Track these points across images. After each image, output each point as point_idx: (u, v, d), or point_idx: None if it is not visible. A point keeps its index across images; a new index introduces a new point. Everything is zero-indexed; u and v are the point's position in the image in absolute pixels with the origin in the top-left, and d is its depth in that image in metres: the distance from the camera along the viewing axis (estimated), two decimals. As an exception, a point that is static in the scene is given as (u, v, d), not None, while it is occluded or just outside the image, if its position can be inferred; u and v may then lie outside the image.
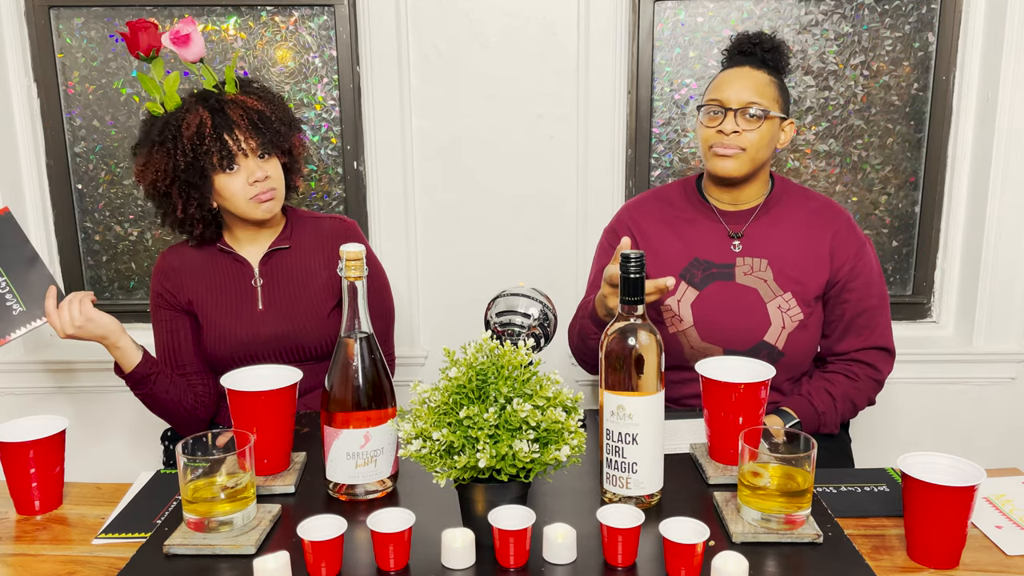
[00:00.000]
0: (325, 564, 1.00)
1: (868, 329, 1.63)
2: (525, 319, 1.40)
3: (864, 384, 1.64)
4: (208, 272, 1.66)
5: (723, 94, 1.58)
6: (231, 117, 1.54)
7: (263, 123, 1.57)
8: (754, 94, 1.57)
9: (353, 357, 1.19)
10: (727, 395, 1.22)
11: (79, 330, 1.50)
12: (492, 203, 2.18)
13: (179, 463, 1.09)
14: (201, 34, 1.58)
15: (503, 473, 1.02)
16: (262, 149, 1.58)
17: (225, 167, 1.55)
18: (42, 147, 2.23)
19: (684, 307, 1.63)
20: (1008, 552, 1.14)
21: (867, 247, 1.65)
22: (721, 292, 1.62)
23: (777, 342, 1.61)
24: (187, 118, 1.54)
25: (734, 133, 1.56)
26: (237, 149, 1.55)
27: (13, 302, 1.51)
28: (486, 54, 2.10)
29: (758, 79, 1.59)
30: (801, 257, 1.62)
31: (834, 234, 1.63)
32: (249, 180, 1.56)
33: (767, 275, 1.62)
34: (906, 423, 2.28)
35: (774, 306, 1.61)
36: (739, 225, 1.65)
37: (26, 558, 1.17)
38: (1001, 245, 2.13)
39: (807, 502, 1.09)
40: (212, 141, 1.52)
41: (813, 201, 1.68)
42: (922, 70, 2.18)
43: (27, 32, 2.15)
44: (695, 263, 1.64)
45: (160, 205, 1.62)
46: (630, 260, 1.11)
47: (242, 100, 1.58)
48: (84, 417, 2.25)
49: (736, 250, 1.64)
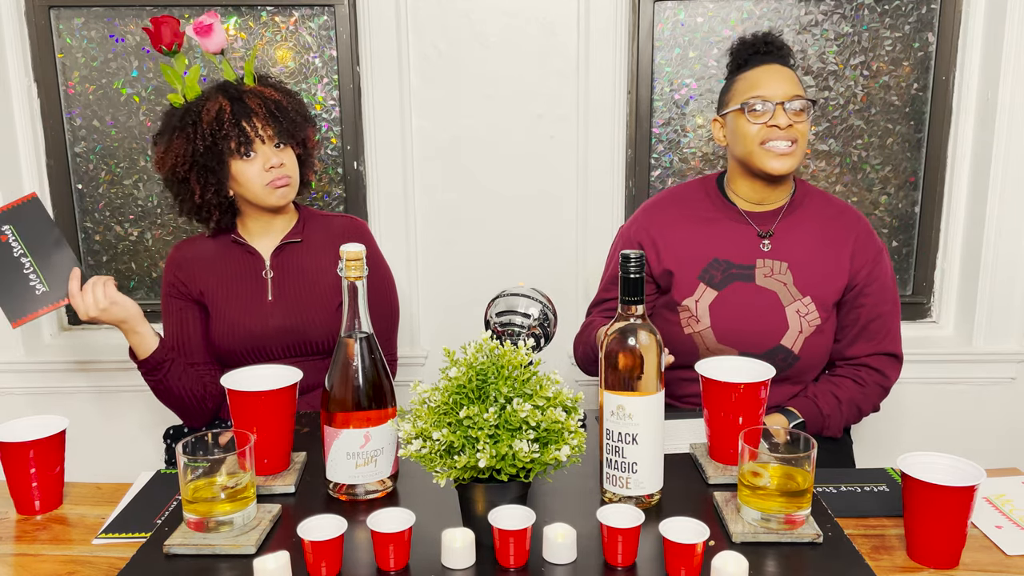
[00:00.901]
0: (325, 564, 1.00)
1: (880, 335, 1.63)
2: (525, 319, 1.40)
3: (871, 391, 1.63)
4: (220, 263, 1.69)
5: (766, 90, 1.57)
6: (249, 105, 1.59)
7: (280, 112, 1.62)
8: (795, 86, 1.58)
9: (353, 357, 1.19)
10: (727, 395, 1.22)
11: (103, 312, 1.53)
12: (492, 203, 2.18)
13: (179, 463, 1.09)
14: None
15: (503, 473, 1.02)
16: (278, 138, 1.62)
17: (242, 153, 1.59)
18: (42, 147, 2.23)
19: (702, 308, 1.62)
20: (1008, 552, 1.14)
21: (884, 254, 1.65)
22: (740, 293, 1.61)
23: (794, 346, 1.60)
24: (207, 105, 1.59)
25: (788, 126, 1.55)
26: (255, 135, 1.59)
27: (37, 282, 1.54)
28: (486, 54, 2.10)
29: (790, 74, 1.59)
30: (821, 262, 1.61)
31: (855, 239, 1.62)
32: (265, 166, 1.60)
33: (787, 278, 1.60)
34: (906, 423, 2.28)
35: (792, 310, 1.59)
36: (767, 225, 1.64)
37: (26, 558, 1.17)
38: (1001, 245, 2.13)
39: (807, 502, 1.09)
40: (231, 127, 1.57)
41: (833, 206, 1.67)
42: (922, 70, 2.18)
43: (27, 32, 2.15)
44: (715, 263, 1.63)
45: (179, 192, 1.66)
46: (630, 260, 1.11)
47: (260, 90, 1.63)
48: (84, 417, 2.24)
49: (765, 249, 1.62)
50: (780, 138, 1.56)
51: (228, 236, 1.70)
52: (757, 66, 1.61)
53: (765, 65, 1.61)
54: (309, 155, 1.72)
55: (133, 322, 1.57)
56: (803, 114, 1.57)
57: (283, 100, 1.64)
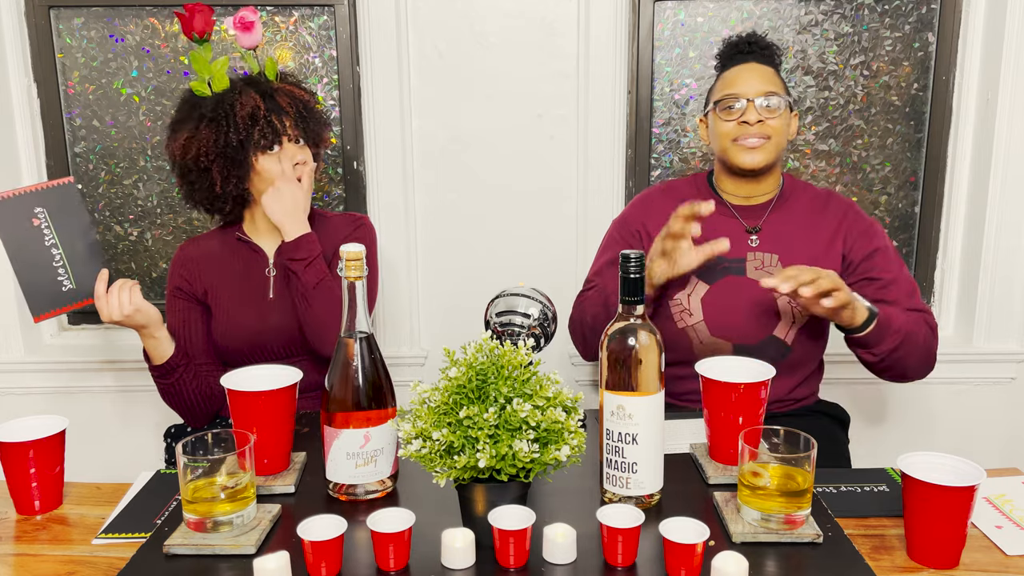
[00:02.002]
0: (325, 564, 1.00)
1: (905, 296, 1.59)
2: (525, 319, 1.40)
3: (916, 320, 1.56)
4: (225, 261, 1.70)
5: (738, 88, 1.60)
6: (280, 103, 1.63)
7: (307, 112, 1.66)
8: (769, 83, 1.60)
9: (353, 357, 1.19)
10: (727, 395, 1.22)
11: (126, 318, 1.54)
12: (492, 203, 2.18)
13: (179, 463, 1.09)
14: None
15: (503, 473, 1.02)
16: (304, 137, 1.66)
17: (268, 148, 1.62)
18: (42, 147, 2.23)
19: (694, 301, 1.63)
20: (1008, 552, 1.14)
21: (876, 226, 1.66)
22: (732, 286, 1.62)
23: (787, 337, 1.61)
24: (241, 99, 1.61)
25: (759, 122, 1.58)
26: (283, 132, 1.62)
27: (64, 277, 1.52)
28: (486, 54, 2.10)
29: (765, 72, 1.62)
30: (811, 251, 1.63)
31: (842, 220, 1.65)
32: (291, 162, 1.63)
33: (778, 270, 1.61)
34: (906, 423, 2.28)
35: (784, 301, 1.61)
36: (755, 220, 1.66)
37: (26, 558, 1.17)
38: (1001, 245, 2.13)
39: (807, 502, 1.09)
40: (265, 123, 1.60)
41: (819, 197, 1.69)
42: (922, 70, 2.18)
43: (27, 32, 2.15)
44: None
45: (195, 180, 1.66)
46: (630, 260, 1.11)
47: (288, 89, 1.66)
48: (84, 417, 2.24)
49: (753, 245, 1.64)
50: (751, 135, 1.59)
51: (233, 235, 1.71)
52: (736, 65, 1.65)
53: (743, 64, 1.64)
54: (319, 156, 1.75)
55: (152, 328, 1.58)
56: (775, 111, 1.59)
57: (310, 100, 1.68)
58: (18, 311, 2.21)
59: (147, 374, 1.66)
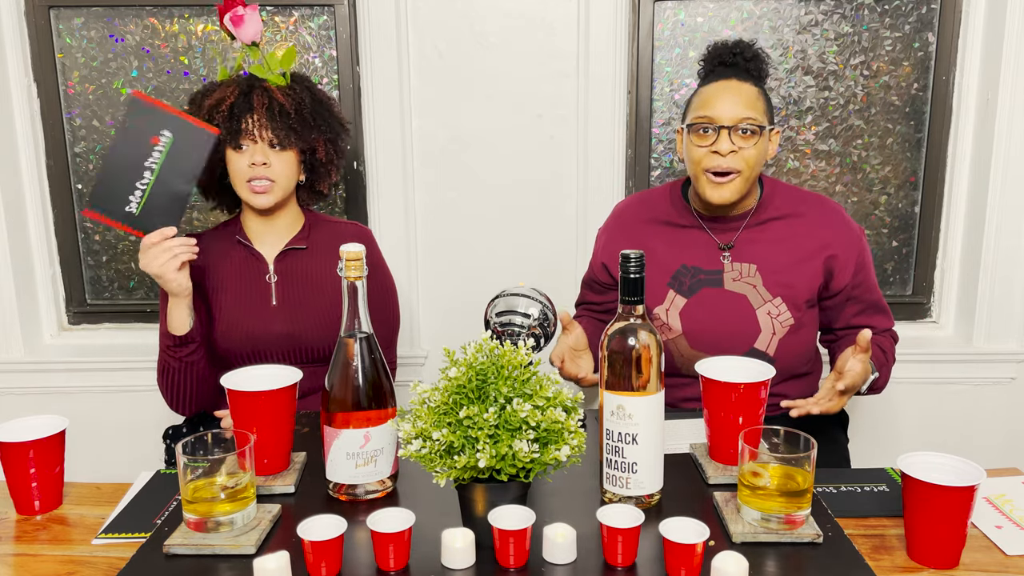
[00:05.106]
0: (325, 564, 1.00)
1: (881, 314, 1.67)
2: (525, 319, 1.40)
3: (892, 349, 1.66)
4: (225, 260, 1.69)
5: (714, 111, 1.51)
6: (252, 102, 1.60)
7: (281, 116, 1.60)
8: (747, 108, 1.51)
9: (353, 357, 1.18)
10: (727, 395, 1.22)
11: (166, 273, 1.51)
12: (492, 203, 2.18)
13: (179, 463, 1.09)
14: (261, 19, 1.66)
15: (503, 473, 1.02)
16: (276, 140, 1.60)
17: (233, 145, 1.60)
18: (42, 147, 2.23)
19: (673, 316, 1.62)
20: (1008, 552, 1.14)
21: (862, 240, 1.64)
22: (710, 299, 1.60)
23: (768, 348, 1.60)
24: (217, 91, 1.61)
25: (731, 153, 1.50)
26: (246, 133, 1.59)
27: (135, 200, 1.50)
28: (486, 54, 2.10)
29: (747, 92, 1.53)
30: (791, 260, 1.59)
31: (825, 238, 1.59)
32: (248, 163, 1.59)
33: (756, 280, 1.59)
34: (906, 423, 2.28)
35: (763, 312, 1.59)
36: (728, 235, 1.62)
37: (26, 558, 1.17)
38: (1001, 245, 2.13)
39: (807, 502, 1.09)
40: (223, 118, 1.58)
41: (804, 202, 1.64)
42: (922, 70, 2.18)
43: (27, 32, 2.15)
44: (683, 269, 1.62)
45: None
46: (630, 260, 1.11)
47: (272, 89, 1.62)
48: (84, 417, 2.24)
49: (726, 260, 1.62)
50: (720, 168, 1.51)
51: (233, 235, 1.70)
52: (716, 80, 1.56)
53: (724, 80, 1.55)
54: (321, 164, 1.69)
55: (184, 296, 1.55)
56: (752, 138, 1.51)
57: (288, 103, 1.61)
58: (18, 311, 2.21)
59: (147, 374, 1.66)
